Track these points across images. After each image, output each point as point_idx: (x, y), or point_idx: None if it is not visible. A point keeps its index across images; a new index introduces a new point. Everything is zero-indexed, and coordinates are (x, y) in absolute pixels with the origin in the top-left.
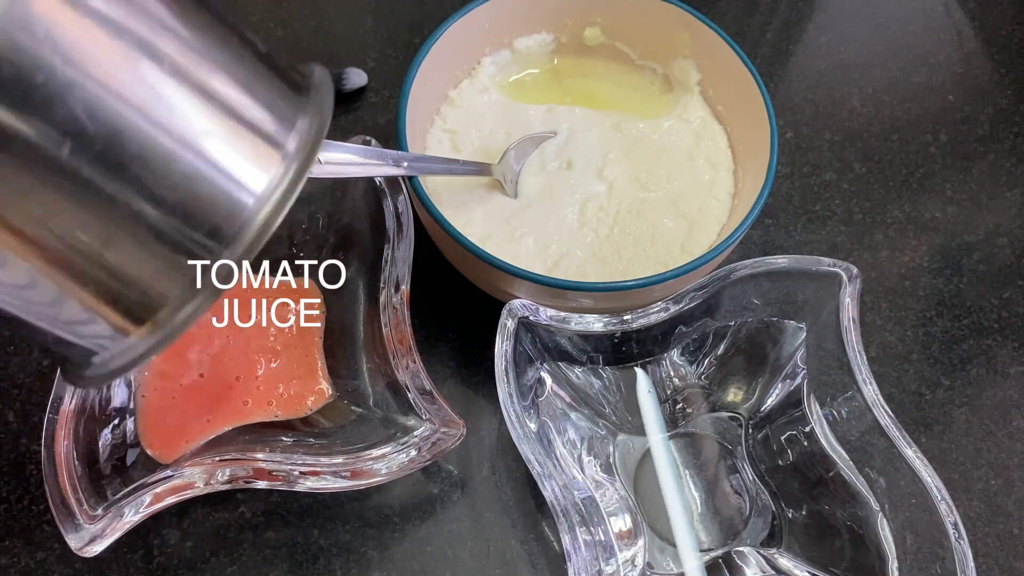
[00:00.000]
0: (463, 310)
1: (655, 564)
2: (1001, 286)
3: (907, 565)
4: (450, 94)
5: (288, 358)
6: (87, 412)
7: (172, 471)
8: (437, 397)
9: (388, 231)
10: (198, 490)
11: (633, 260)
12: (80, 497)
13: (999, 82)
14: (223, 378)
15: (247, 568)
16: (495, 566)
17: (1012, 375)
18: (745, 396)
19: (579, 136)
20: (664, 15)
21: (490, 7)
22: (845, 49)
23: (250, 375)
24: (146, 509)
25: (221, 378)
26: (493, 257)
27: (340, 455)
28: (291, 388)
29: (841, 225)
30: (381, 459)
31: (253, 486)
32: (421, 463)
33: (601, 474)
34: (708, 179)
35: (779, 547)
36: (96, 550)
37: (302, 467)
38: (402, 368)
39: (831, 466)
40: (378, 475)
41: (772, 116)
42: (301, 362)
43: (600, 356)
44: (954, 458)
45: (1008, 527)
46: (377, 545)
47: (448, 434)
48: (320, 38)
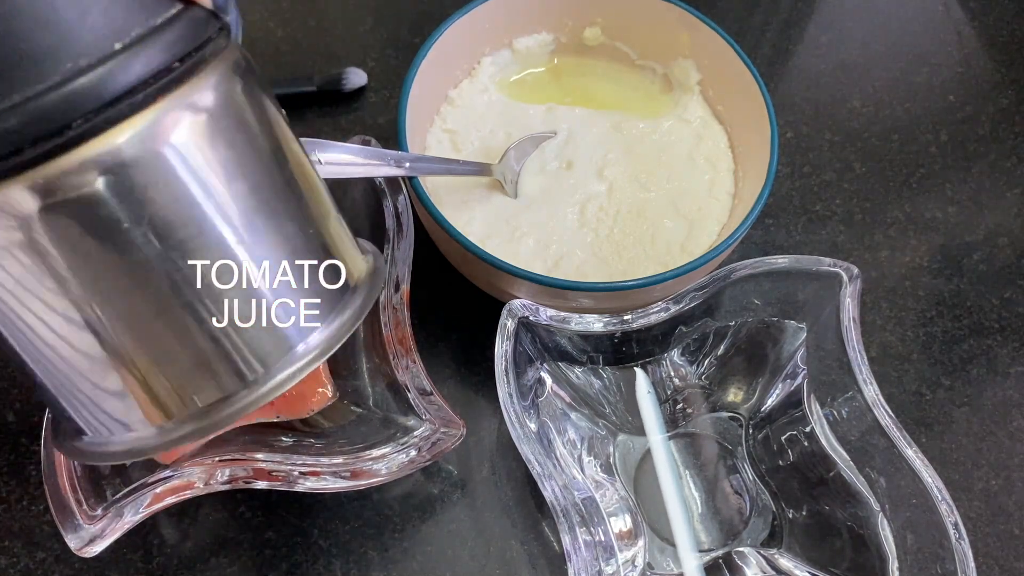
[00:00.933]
0: (463, 310)
1: (655, 564)
2: (1001, 286)
3: (907, 565)
4: (450, 94)
5: None
6: None
7: (172, 471)
8: (437, 397)
9: (388, 231)
10: (198, 490)
11: (633, 260)
12: (80, 497)
13: (999, 82)
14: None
15: (247, 568)
16: (495, 566)
17: (1012, 375)
18: (745, 396)
19: (579, 136)
20: (664, 15)
21: (490, 7)
22: (845, 49)
23: None
24: (146, 509)
25: None
26: (493, 257)
27: (340, 455)
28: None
29: (841, 225)
30: (381, 459)
31: (253, 486)
32: (421, 463)
33: (601, 474)
34: (708, 179)
35: (779, 547)
36: (96, 550)
37: (302, 467)
38: (402, 368)
39: (831, 466)
40: (378, 475)
41: (772, 116)
42: None
43: (600, 356)
44: (954, 458)
45: (1008, 527)
46: (377, 545)
47: (448, 434)
48: (320, 38)
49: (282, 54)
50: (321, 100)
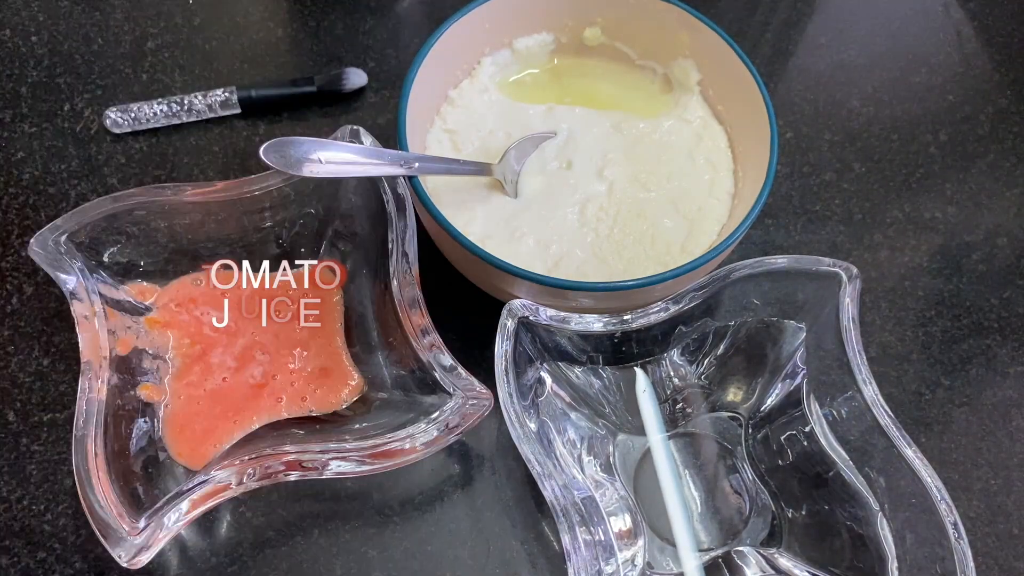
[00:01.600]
0: (463, 310)
1: (655, 564)
2: (1001, 286)
3: (907, 565)
4: (450, 94)
5: (316, 351)
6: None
7: (204, 476)
8: (461, 370)
9: (389, 214)
10: (231, 491)
11: (633, 260)
12: (121, 512)
13: (999, 82)
14: (249, 378)
15: (247, 568)
16: (495, 566)
17: (1012, 375)
18: (745, 396)
19: (579, 136)
20: (664, 15)
21: (490, 7)
22: (845, 49)
23: (281, 372)
24: (186, 516)
25: (247, 378)
26: (493, 257)
27: (369, 439)
28: (324, 382)
29: (841, 225)
30: (413, 437)
31: (286, 479)
32: (453, 436)
33: (601, 474)
34: (708, 179)
35: (779, 547)
36: (143, 561)
37: (333, 455)
38: (424, 348)
39: (831, 466)
40: (413, 452)
41: (772, 116)
42: (329, 355)
43: (600, 356)
44: (954, 458)
45: (1008, 527)
46: (377, 545)
47: (476, 405)
48: (320, 38)
49: (282, 54)
50: (321, 100)
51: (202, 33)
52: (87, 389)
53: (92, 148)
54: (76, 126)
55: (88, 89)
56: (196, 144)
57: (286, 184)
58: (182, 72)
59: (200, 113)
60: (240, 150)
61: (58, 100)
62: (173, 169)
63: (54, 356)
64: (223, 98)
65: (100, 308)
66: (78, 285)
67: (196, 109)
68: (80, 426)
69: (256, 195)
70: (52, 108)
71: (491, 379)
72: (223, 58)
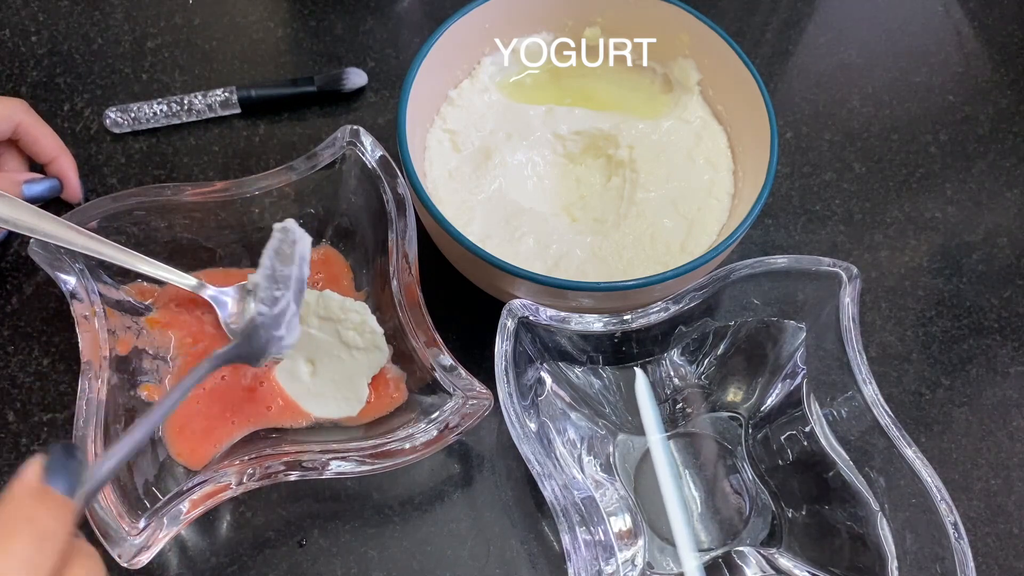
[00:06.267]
0: (463, 310)
1: (655, 564)
2: (1001, 286)
3: (907, 565)
4: (450, 94)
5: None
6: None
7: (204, 476)
8: (462, 370)
9: (389, 214)
10: (232, 491)
11: (633, 260)
12: (121, 512)
13: (999, 82)
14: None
15: (247, 568)
16: (495, 566)
17: (1012, 375)
18: (745, 396)
19: (579, 136)
20: (664, 15)
21: (490, 7)
22: (845, 49)
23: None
24: (186, 516)
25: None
26: (493, 257)
27: (370, 439)
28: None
29: (841, 225)
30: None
31: (286, 479)
32: (453, 436)
33: (601, 474)
34: (708, 179)
35: (779, 547)
36: (143, 561)
37: (333, 455)
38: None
39: (831, 466)
40: (413, 452)
41: (772, 116)
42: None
43: (600, 356)
44: (954, 458)
45: (1008, 527)
46: (377, 545)
47: (476, 404)
48: (320, 38)
49: (282, 54)
50: (321, 100)
51: (202, 33)
52: (87, 389)
53: (92, 148)
54: (76, 126)
55: (88, 89)
56: (196, 144)
57: (286, 184)
58: (182, 72)
59: (200, 113)
60: (240, 150)
61: (58, 100)
62: (173, 169)
63: (54, 356)
64: (223, 98)
65: (100, 308)
66: (78, 285)
67: (196, 109)
68: (80, 426)
69: (256, 195)
70: (52, 108)
71: (491, 379)
72: (223, 58)
